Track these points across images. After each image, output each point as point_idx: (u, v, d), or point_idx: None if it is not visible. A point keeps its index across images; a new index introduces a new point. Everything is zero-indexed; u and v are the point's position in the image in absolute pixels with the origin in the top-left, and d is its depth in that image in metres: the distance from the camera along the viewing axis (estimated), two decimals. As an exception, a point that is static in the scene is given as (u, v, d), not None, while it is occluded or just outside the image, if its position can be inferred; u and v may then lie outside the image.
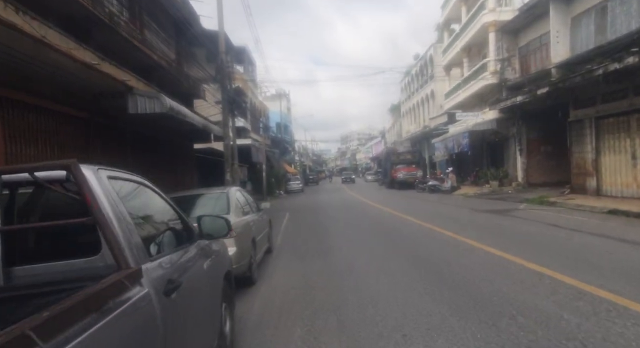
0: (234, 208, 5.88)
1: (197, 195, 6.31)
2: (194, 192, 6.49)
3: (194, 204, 6.01)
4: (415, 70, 42.57)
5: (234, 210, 5.85)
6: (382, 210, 15.84)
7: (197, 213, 5.83)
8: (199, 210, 5.85)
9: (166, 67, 13.54)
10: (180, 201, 6.28)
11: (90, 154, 9.60)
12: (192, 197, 6.25)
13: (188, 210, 5.87)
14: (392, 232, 10.02)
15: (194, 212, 5.80)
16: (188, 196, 6.29)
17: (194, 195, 6.31)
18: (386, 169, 34.59)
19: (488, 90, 22.02)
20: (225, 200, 5.92)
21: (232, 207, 5.81)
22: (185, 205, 6.07)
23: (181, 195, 6.37)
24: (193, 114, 12.49)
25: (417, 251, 7.37)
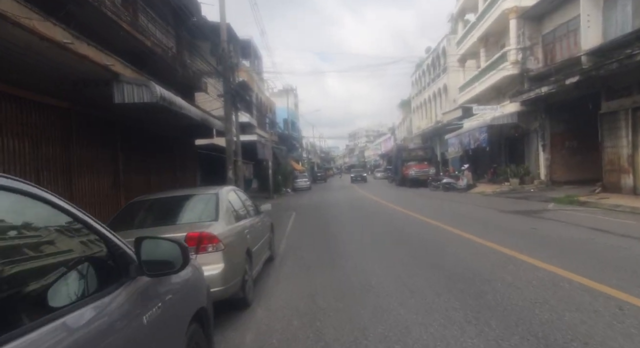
0: (224, 213, 4.78)
1: (181, 198, 5.22)
2: (178, 193, 5.42)
3: (175, 209, 4.94)
4: (426, 64, 41.16)
5: (224, 215, 4.75)
6: (396, 210, 14.68)
7: (177, 221, 4.77)
8: (180, 217, 4.77)
9: (162, 55, 12.47)
10: (159, 205, 5.23)
11: (72, 148, 8.58)
12: (174, 200, 5.17)
13: (166, 216, 4.80)
14: (411, 237, 8.87)
15: (172, 218, 4.72)
16: (169, 199, 5.21)
17: (177, 198, 5.22)
18: (397, 166, 33.33)
19: (507, 82, 20.67)
20: (214, 204, 4.83)
21: (221, 212, 4.71)
22: (165, 209, 5.00)
23: (161, 197, 5.29)
24: (190, 105, 11.43)
25: (446, 262, 6.22)
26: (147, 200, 5.13)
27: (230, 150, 15.71)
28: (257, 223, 6.24)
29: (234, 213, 5.19)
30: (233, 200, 5.55)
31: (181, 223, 4.54)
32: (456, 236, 8.41)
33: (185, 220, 4.60)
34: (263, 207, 7.22)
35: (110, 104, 9.44)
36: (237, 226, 5.00)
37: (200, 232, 4.15)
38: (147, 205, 5.02)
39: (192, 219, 4.64)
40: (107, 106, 9.73)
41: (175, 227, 4.39)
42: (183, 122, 13.68)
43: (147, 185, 12.72)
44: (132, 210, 4.91)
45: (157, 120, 12.73)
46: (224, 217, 4.73)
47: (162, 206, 5.02)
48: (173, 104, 9.85)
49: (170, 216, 4.75)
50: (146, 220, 4.71)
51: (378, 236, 9.21)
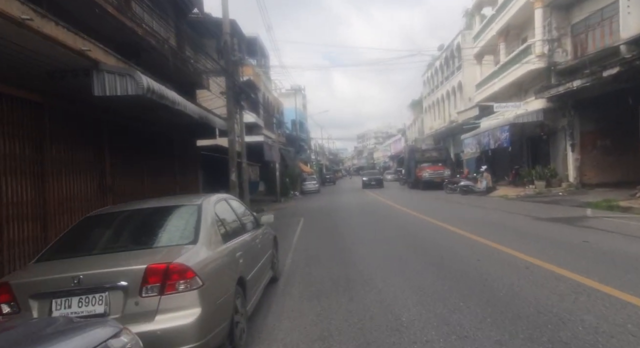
0: (208, 232, 3.53)
1: (153, 211, 3.94)
2: (151, 204, 4.15)
3: (143, 227, 3.70)
4: (439, 62, 39.71)
5: (207, 235, 3.50)
6: (415, 217, 13.34)
7: (142, 244, 3.53)
8: (146, 238, 3.53)
9: (155, 46, 11.31)
10: (123, 220, 3.95)
11: (45, 147, 7.43)
12: (144, 214, 3.91)
13: (128, 237, 3.57)
14: (441, 253, 7.55)
15: (136, 240, 3.49)
16: (137, 212, 3.94)
17: (148, 211, 3.96)
18: (410, 167, 31.90)
19: (531, 77, 19.23)
20: (194, 220, 3.59)
21: (203, 232, 3.46)
22: (129, 227, 3.76)
23: (127, 209, 4.03)
24: (186, 101, 10.24)
25: (494, 290, 4.90)
26: (109, 215, 3.91)
27: (233, 151, 14.54)
28: (256, 240, 4.99)
29: (222, 230, 3.93)
30: (223, 212, 4.31)
31: (146, 247, 3.30)
32: (496, 251, 7.08)
33: (153, 243, 3.36)
34: (264, 218, 5.97)
35: (95, 98, 8.32)
36: (226, 249, 3.74)
37: (168, 264, 2.91)
38: (107, 221, 3.80)
39: (162, 242, 3.40)
40: (91, 101, 8.60)
41: (134, 255, 3.15)
42: (182, 120, 12.52)
43: (140, 188, 11.56)
44: (85, 228, 3.69)
45: (152, 118, 11.61)
46: (207, 238, 3.48)
47: (127, 223, 3.79)
48: (164, 98, 8.66)
49: (134, 237, 3.52)
50: (99, 242, 3.49)
51: (401, 251, 7.90)
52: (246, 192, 18.22)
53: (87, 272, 2.82)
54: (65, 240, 3.46)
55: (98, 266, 2.92)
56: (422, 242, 8.46)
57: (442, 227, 10.43)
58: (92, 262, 3.03)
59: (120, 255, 3.14)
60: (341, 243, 9.28)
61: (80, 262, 3.05)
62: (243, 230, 4.72)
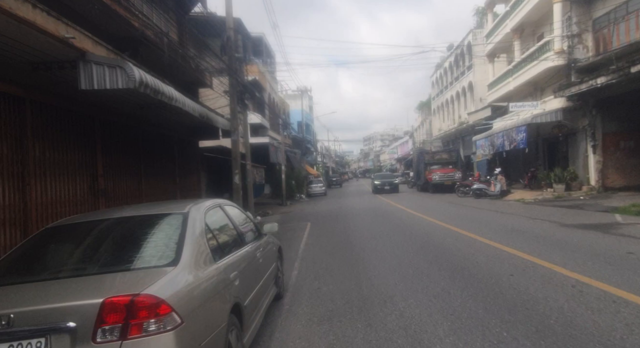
0: (193, 250, 2.77)
1: (128, 222, 3.16)
2: (128, 212, 3.37)
3: (113, 242, 2.95)
4: (448, 62, 38.85)
5: (192, 254, 2.74)
6: (430, 223, 12.51)
7: (107, 265, 2.77)
8: (113, 257, 2.77)
9: (154, 40, 10.64)
10: (89, 233, 3.20)
11: (28, 146, 6.74)
12: (116, 226, 3.14)
13: (91, 256, 2.82)
14: (466, 264, 6.74)
15: (100, 260, 2.73)
16: (108, 223, 3.18)
17: (122, 221, 3.18)
18: (419, 170, 31.02)
19: (549, 76, 18.35)
20: (177, 234, 2.84)
21: (187, 249, 2.71)
22: (95, 243, 3.01)
23: (97, 219, 3.28)
24: (185, 97, 9.54)
25: (542, 316, 4.08)
26: (72, 226, 3.16)
27: (236, 152, 13.82)
28: (256, 254, 4.22)
29: (214, 245, 3.17)
30: (216, 222, 3.55)
31: (110, 271, 2.54)
32: (530, 265, 6.25)
33: (121, 265, 2.61)
34: (266, 226, 5.19)
35: (86, 94, 7.65)
36: (217, 269, 2.97)
37: (133, 296, 2.15)
38: (69, 235, 3.06)
39: (132, 263, 2.63)
40: (81, 96, 7.92)
41: (91, 283, 2.40)
42: (182, 119, 11.85)
43: (137, 191, 10.87)
44: (39, 244, 2.94)
45: (151, 116, 10.94)
46: (192, 257, 2.72)
47: (93, 237, 3.03)
48: (160, 93, 7.95)
49: (97, 256, 2.77)
50: (52, 263, 2.74)
51: (421, 262, 7.09)
52: (250, 194, 17.50)
53: (22, 308, 2.07)
54: (10, 259, 2.73)
55: (39, 299, 2.17)
56: (444, 253, 7.65)
57: (463, 234, 9.60)
58: (32, 293, 2.28)
59: (73, 282, 2.38)
60: (352, 251, 8.49)
61: (16, 293, 2.31)
62: (241, 243, 3.96)
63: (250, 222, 4.79)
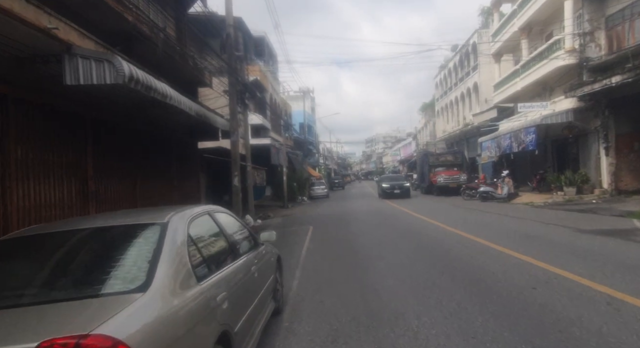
0: (169, 270, 2.26)
1: (96, 234, 2.64)
2: (97, 222, 2.86)
3: (71, 263, 2.44)
4: (453, 63, 38.33)
5: (167, 276, 2.23)
6: (436, 227, 11.98)
7: (60, 291, 2.24)
8: (67, 284, 2.26)
9: (149, 35, 10.17)
10: (45, 248, 2.67)
11: (9, 147, 6.26)
12: (80, 239, 2.62)
13: (42, 279, 2.32)
14: (482, 275, 6.22)
15: (53, 284, 2.23)
16: (70, 235, 2.65)
17: (88, 234, 2.66)
18: (423, 172, 30.47)
19: (557, 75, 17.82)
20: (151, 250, 2.34)
21: (160, 271, 2.19)
22: (47, 263, 2.50)
23: (57, 231, 2.76)
24: (180, 96, 9.07)
25: (580, 341, 3.54)
26: (28, 239, 2.66)
27: (236, 153, 13.34)
28: (251, 268, 3.71)
29: (198, 261, 2.67)
30: (203, 233, 3.05)
31: (61, 299, 2.04)
32: (554, 276, 5.72)
33: (76, 291, 2.11)
34: (264, 235, 4.69)
35: (74, 91, 7.21)
36: (201, 291, 2.47)
37: (80, 338, 1.64)
38: (23, 250, 2.55)
39: (91, 288, 2.13)
40: (69, 94, 7.46)
41: (32, 317, 1.89)
42: (180, 119, 11.38)
43: (131, 194, 10.39)
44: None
45: (146, 116, 10.49)
46: (168, 279, 2.22)
47: (49, 252, 2.53)
48: (152, 89, 7.48)
49: (50, 279, 2.27)
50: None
51: (432, 272, 6.57)
52: (251, 197, 17.02)
53: None
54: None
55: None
56: (455, 261, 7.13)
57: (474, 240, 9.07)
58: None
59: (8, 316, 1.88)
60: (356, 259, 7.97)
61: None
62: (234, 256, 3.45)
63: (246, 231, 4.29)
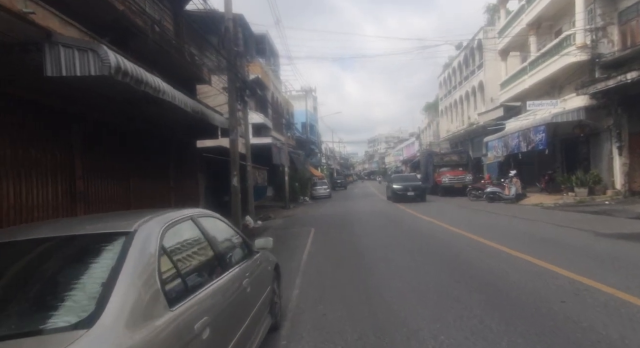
0: (127, 295, 1.74)
1: (42, 247, 2.11)
2: (47, 231, 2.34)
3: (8, 283, 1.94)
4: (457, 62, 37.75)
5: (125, 302, 1.70)
6: (444, 229, 11.43)
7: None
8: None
9: (142, 27, 9.67)
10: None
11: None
12: (21, 252, 2.11)
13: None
14: (502, 285, 5.67)
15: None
16: (9, 248, 2.15)
17: (32, 247, 2.14)
18: (428, 172, 29.89)
19: (568, 72, 17.24)
20: (107, 269, 1.82)
21: (116, 297, 1.68)
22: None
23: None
24: (175, 90, 8.57)
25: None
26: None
27: (235, 152, 12.83)
28: (243, 282, 3.18)
29: (172, 281, 2.16)
30: (182, 245, 2.53)
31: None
32: (584, 288, 5.18)
33: (4, 324, 1.60)
34: (258, 242, 4.15)
35: (59, 86, 6.73)
36: (171, 320, 1.94)
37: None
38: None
39: (23, 322, 1.62)
40: (53, 89, 6.97)
41: None
42: (176, 116, 10.87)
43: (124, 195, 9.89)
44: None
45: (141, 113, 9.99)
46: (125, 308, 1.69)
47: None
48: (143, 83, 6.97)
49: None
50: None
51: (445, 280, 6.03)
52: (251, 198, 16.52)
53: None
54: None
55: None
56: (470, 268, 6.58)
57: (486, 244, 8.52)
58: None
59: None
60: (361, 264, 7.44)
61: None
62: (222, 269, 2.93)
63: (238, 238, 3.76)
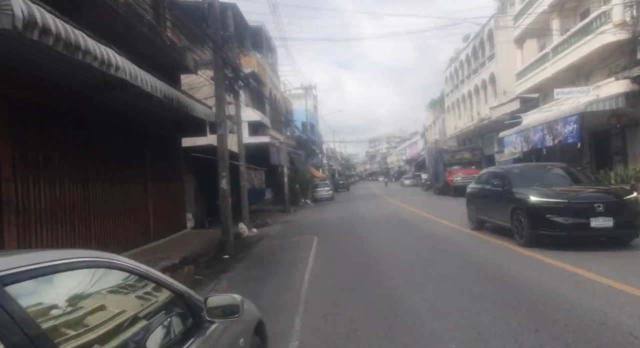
0: None
1: None
2: None
3: None
4: (465, 54, 35.83)
5: None
6: (472, 237, 9.49)
7: None
8: None
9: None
10: None
11: None
12: None
13: None
14: (561, 314, 3.74)
15: None
16: None
17: None
18: (437, 171, 27.95)
19: (601, 56, 15.31)
20: None
21: None
22: None
23: None
24: (139, 69, 6.69)
25: None
26: None
27: (224, 150, 10.94)
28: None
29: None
30: None
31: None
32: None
33: None
34: (212, 300, 2.22)
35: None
36: None
37: None
38: None
39: None
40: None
41: None
42: (152, 107, 9.02)
43: (83, 201, 7.98)
44: None
45: (102, 101, 8.12)
46: None
47: None
48: (81, 50, 5.13)
49: None
50: None
51: (494, 309, 4.09)
52: (244, 202, 14.62)
53: None
54: None
55: None
56: (520, 289, 4.64)
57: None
58: None
59: None
60: (382, 291, 5.51)
61: None
62: None
63: (167, 300, 1.84)
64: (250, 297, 6.05)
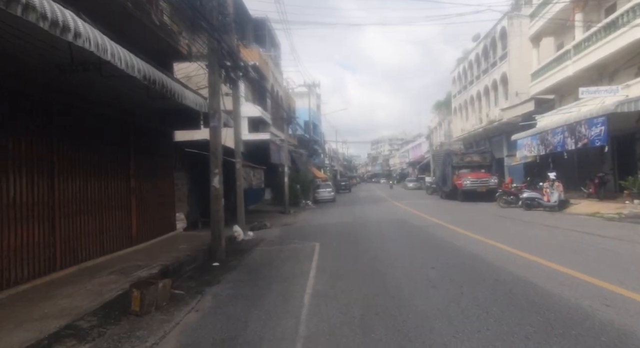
0: None
1: None
2: None
3: None
4: (475, 54, 34.68)
5: None
6: (491, 247, 8.31)
7: None
8: None
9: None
10: None
11: None
12: None
13: None
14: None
15: None
16: None
17: None
18: (445, 174, 26.77)
19: (633, 52, 14.16)
20: None
21: None
22: None
23: None
24: (115, 44, 5.56)
25: None
26: None
27: (217, 144, 9.78)
28: None
29: None
30: None
31: None
32: None
33: None
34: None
35: None
36: None
37: None
38: None
39: None
40: None
41: None
42: (130, 91, 7.89)
43: (48, 199, 6.86)
44: None
45: (72, 84, 7.01)
46: None
47: None
48: (30, 7, 3.99)
49: None
50: None
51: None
52: (241, 203, 13.47)
53: None
54: None
55: None
56: (561, 312, 3.47)
57: (558, 270, 5.38)
58: None
59: None
60: (406, 324, 4.33)
61: None
62: None
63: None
64: (237, 322, 4.90)
